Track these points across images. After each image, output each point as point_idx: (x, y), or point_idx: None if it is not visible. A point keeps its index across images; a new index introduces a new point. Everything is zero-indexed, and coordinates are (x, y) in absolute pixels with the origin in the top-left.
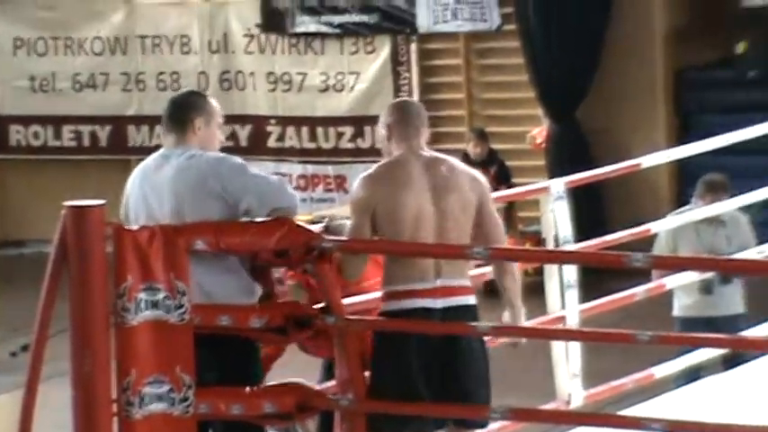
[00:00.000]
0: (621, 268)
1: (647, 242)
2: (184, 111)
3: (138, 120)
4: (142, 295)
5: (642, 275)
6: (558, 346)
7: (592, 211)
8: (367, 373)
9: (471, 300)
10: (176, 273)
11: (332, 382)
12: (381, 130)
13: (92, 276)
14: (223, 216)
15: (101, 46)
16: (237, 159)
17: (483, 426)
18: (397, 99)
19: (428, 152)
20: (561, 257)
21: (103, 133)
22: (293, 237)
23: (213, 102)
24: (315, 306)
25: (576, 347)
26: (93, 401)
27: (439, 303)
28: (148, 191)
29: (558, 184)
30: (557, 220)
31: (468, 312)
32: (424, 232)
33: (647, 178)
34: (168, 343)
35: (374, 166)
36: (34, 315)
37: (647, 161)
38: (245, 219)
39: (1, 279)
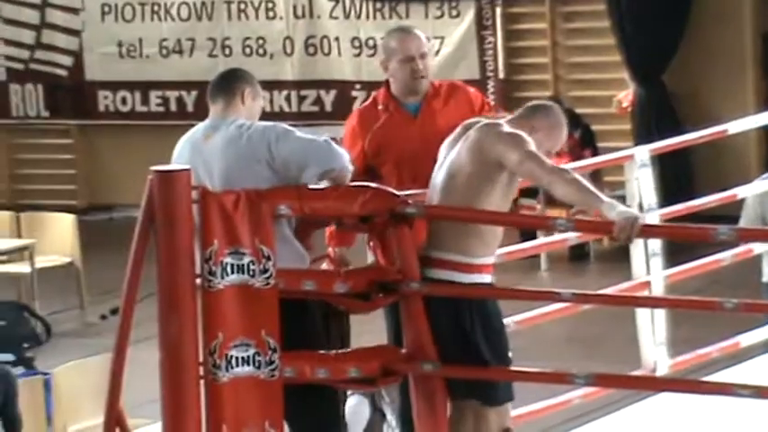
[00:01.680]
0: (708, 242)
1: (735, 207)
2: (235, 80)
3: None
4: (228, 259)
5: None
6: (642, 314)
7: (678, 176)
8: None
9: (450, 276)
10: (261, 237)
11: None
12: None
13: (178, 240)
14: (273, 184)
15: (187, 11)
16: (284, 126)
17: None
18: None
19: None
20: (646, 231)
21: (190, 98)
22: (377, 201)
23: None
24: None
25: (660, 315)
26: (181, 364)
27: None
28: (198, 162)
29: (643, 152)
30: (641, 187)
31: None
32: None
33: (735, 143)
34: (254, 307)
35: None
36: (123, 279)
37: (734, 127)
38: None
39: (91, 243)
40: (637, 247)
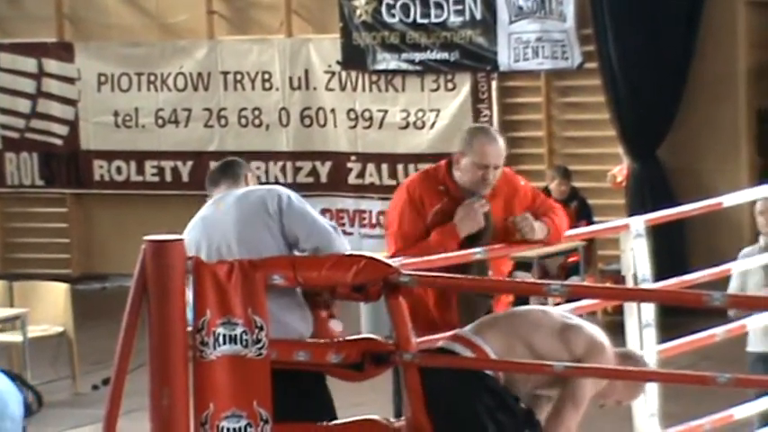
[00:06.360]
0: (700, 307)
1: (728, 282)
2: (237, 166)
3: (220, 155)
4: (220, 330)
5: (721, 315)
6: None
7: (673, 249)
8: None
9: None
10: (254, 307)
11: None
12: None
13: (171, 311)
14: (277, 240)
15: (183, 82)
16: (289, 193)
17: None
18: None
19: None
20: (640, 296)
21: (185, 169)
22: (370, 271)
23: None
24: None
25: (653, 388)
26: None
27: None
28: (210, 229)
29: (638, 222)
30: (636, 258)
31: None
32: None
33: (730, 217)
34: (246, 378)
35: None
36: (115, 349)
37: (729, 200)
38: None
39: (84, 313)
40: (631, 319)
